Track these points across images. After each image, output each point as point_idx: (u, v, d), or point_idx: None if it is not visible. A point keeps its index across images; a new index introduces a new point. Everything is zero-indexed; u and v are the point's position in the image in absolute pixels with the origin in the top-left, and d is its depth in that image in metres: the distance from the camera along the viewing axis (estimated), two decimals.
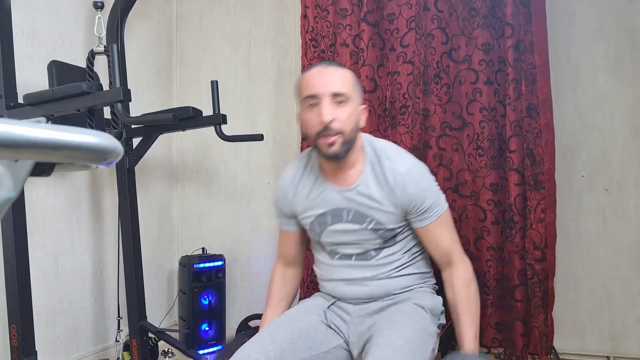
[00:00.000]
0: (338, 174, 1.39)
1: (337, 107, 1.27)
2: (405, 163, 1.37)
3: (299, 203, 1.45)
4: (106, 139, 0.45)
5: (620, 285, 2.09)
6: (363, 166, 1.38)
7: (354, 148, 1.34)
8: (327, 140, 1.27)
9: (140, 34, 2.64)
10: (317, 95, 1.27)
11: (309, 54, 2.36)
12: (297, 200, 1.46)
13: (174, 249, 2.87)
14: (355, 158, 1.37)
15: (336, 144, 1.28)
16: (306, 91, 1.30)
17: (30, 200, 1.97)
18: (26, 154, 0.40)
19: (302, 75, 1.37)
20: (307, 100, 1.30)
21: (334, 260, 1.46)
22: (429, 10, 2.19)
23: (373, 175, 1.37)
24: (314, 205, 1.42)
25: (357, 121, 1.34)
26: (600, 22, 2.13)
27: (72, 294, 2.19)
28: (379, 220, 1.37)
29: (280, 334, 1.32)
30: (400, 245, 1.43)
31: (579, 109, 2.16)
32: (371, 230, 1.38)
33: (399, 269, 1.43)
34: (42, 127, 0.40)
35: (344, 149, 1.30)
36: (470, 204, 2.13)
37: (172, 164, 2.86)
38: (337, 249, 1.44)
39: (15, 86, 1.65)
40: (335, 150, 1.28)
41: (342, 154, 1.30)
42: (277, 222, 1.58)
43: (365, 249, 1.41)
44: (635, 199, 2.09)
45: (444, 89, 2.19)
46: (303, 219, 1.47)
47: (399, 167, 1.35)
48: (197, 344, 2.47)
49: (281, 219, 1.55)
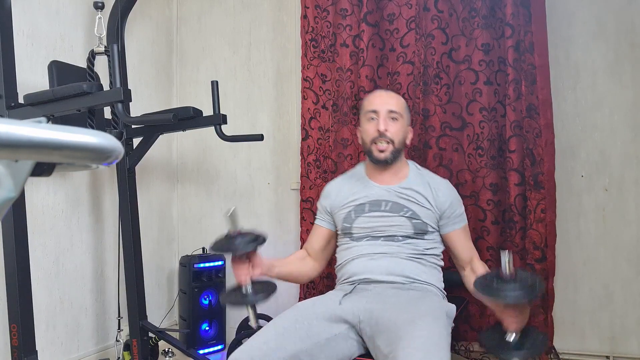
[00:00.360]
0: (384, 176, 1.64)
1: (391, 122, 1.59)
2: (443, 178, 1.69)
3: (341, 198, 1.66)
4: (106, 139, 0.45)
5: (620, 285, 2.10)
6: (408, 173, 1.65)
7: (400, 158, 1.63)
8: (379, 147, 1.58)
9: (140, 34, 2.64)
10: (376, 110, 1.60)
11: (309, 54, 2.36)
12: (339, 196, 1.67)
13: (174, 248, 2.87)
14: (400, 167, 1.65)
15: (386, 151, 1.58)
16: (368, 107, 1.63)
17: (31, 200, 1.97)
18: (27, 154, 0.40)
19: (366, 96, 1.74)
20: (368, 114, 1.61)
21: (361, 242, 1.59)
22: (429, 11, 2.19)
23: (417, 179, 1.63)
24: (355, 197, 1.63)
25: (405, 137, 1.64)
26: (600, 23, 2.13)
27: (73, 293, 2.19)
28: (416, 212, 1.56)
29: (282, 323, 1.40)
30: (426, 244, 1.58)
31: (578, 109, 2.16)
32: (406, 217, 1.56)
33: (419, 258, 1.56)
34: (43, 127, 0.40)
35: (392, 156, 1.58)
36: (470, 204, 2.13)
37: (172, 164, 2.87)
38: (367, 233, 1.59)
39: (15, 86, 1.65)
40: (385, 156, 1.58)
41: (390, 160, 1.59)
42: (315, 219, 1.76)
43: (395, 233, 1.56)
44: (634, 198, 2.09)
45: (444, 89, 2.19)
46: (341, 210, 1.65)
47: (439, 179, 1.67)
48: (197, 344, 2.47)
49: (319, 214, 1.74)
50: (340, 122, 2.28)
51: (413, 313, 1.34)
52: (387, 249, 1.55)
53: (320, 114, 2.37)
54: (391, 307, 1.39)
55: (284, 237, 2.63)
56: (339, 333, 1.40)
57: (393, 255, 1.54)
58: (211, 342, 2.54)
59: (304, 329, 1.37)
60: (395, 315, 1.34)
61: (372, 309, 1.40)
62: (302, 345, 1.33)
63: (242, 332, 2.36)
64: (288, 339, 1.33)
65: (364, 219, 1.59)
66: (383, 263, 1.53)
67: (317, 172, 2.36)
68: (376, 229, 1.57)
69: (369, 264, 1.54)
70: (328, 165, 2.33)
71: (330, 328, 1.40)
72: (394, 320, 1.32)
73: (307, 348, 1.33)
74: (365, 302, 1.44)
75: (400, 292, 1.49)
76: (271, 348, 1.29)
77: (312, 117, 2.37)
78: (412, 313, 1.34)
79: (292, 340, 1.33)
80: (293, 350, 1.31)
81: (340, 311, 1.43)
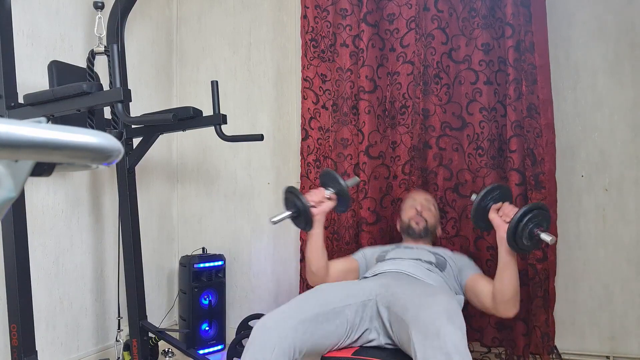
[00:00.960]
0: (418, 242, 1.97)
1: (426, 208, 1.99)
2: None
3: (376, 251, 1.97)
4: (106, 139, 0.45)
5: (620, 285, 2.10)
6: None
7: (430, 238, 1.99)
8: (415, 220, 1.96)
9: (140, 34, 2.64)
10: (415, 199, 2.02)
11: (309, 54, 2.36)
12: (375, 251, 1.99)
13: (174, 248, 2.87)
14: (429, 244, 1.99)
15: (420, 224, 1.95)
16: (410, 198, 2.05)
17: (30, 200, 1.97)
18: (27, 154, 0.40)
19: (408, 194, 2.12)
20: (409, 202, 2.03)
21: (388, 261, 1.84)
22: (429, 11, 2.19)
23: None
24: (388, 249, 1.94)
25: (436, 223, 2.02)
26: (600, 23, 2.13)
27: (72, 293, 2.19)
28: (439, 254, 1.86)
29: (302, 295, 1.62)
30: (445, 275, 1.77)
31: (578, 109, 2.16)
32: (431, 253, 1.85)
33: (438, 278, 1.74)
34: (43, 127, 0.40)
35: (424, 232, 1.95)
36: (470, 203, 2.13)
37: (172, 164, 2.86)
38: (396, 256, 1.85)
39: (15, 86, 1.65)
40: (419, 228, 1.95)
41: (422, 234, 1.95)
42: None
43: (419, 257, 1.82)
44: (634, 199, 2.09)
45: (444, 89, 2.19)
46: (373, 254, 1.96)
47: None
48: (197, 344, 2.47)
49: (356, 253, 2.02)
50: (340, 122, 2.28)
51: (429, 292, 1.52)
52: (411, 262, 1.78)
53: (320, 114, 2.37)
54: (407, 284, 1.59)
55: (283, 238, 2.63)
56: (354, 303, 1.55)
57: (416, 264, 1.77)
58: (211, 342, 2.54)
59: (322, 297, 1.55)
60: (411, 290, 1.53)
61: (389, 284, 1.59)
62: (319, 309, 1.49)
63: (242, 332, 2.36)
64: (307, 303, 1.51)
65: (397, 251, 1.89)
66: (404, 264, 1.76)
67: (317, 172, 2.35)
68: (404, 253, 1.85)
69: (392, 266, 1.77)
70: (328, 165, 2.33)
71: (347, 299, 1.55)
72: (409, 293, 1.50)
73: (324, 312, 1.49)
74: (383, 280, 1.64)
75: (416, 280, 1.69)
76: (292, 309, 1.47)
77: (312, 117, 2.37)
78: (428, 291, 1.53)
79: (310, 305, 1.49)
80: (312, 313, 1.47)
81: (358, 288, 1.61)
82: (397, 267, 1.75)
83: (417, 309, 1.38)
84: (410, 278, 1.68)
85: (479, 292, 1.71)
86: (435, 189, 2.19)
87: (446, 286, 1.72)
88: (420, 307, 1.38)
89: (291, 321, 1.42)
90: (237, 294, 2.72)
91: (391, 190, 2.26)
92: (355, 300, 1.55)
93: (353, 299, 1.55)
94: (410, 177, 2.19)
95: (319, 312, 1.48)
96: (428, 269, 1.75)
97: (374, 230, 2.23)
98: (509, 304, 1.60)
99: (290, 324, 1.41)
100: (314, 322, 1.45)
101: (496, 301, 1.62)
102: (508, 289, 1.59)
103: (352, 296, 1.56)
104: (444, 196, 2.18)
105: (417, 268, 1.74)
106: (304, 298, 1.56)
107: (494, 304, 1.64)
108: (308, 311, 1.47)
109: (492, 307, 1.65)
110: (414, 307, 1.40)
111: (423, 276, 1.69)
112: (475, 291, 1.73)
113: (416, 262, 1.78)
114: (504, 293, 1.60)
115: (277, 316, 1.44)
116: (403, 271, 1.72)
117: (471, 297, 1.76)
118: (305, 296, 1.58)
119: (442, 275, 1.76)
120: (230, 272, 2.71)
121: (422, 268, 1.74)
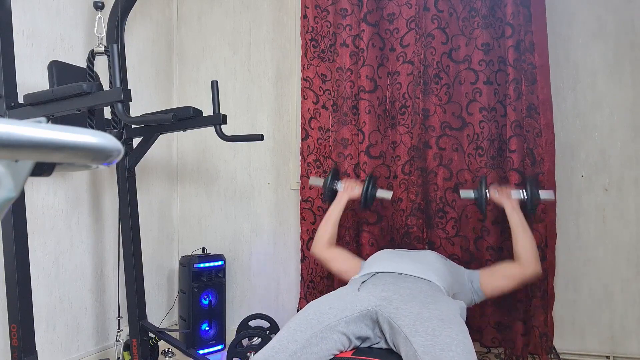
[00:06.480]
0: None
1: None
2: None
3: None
4: (106, 139, 0.45)
5: (619, 285, 2.10)
6: None
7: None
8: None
9: (140, 34, 2.64)
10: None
11: (309, 54, 2.36)
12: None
13: (174, 248, 2.87)
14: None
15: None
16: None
17: (30, 200, 1.97)
18: (27, 154, 0.40)
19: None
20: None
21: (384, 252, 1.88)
22: (429, 11, 2.19)
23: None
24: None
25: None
26: (600, 23, 2.13)
27: (72, 293, 2.19)
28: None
29: (294, 320, 1.51)
30: (448, 263, 1.83)
31: (578, 109, 2.16)
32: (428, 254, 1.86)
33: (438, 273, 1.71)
34: (43, 127, 0.40)
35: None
36: (470, 204, 2.13)
37: (172, 164, 2.87)
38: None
39: (15, 86, 1.65)
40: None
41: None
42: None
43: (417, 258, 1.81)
44: (634, 199, 2.09)
45: (444, 89, 2.19)
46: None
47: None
48: (197, 344, 2.47)
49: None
50: (340, 122, 2.28)
51: (435, 310, 1.41)
52: (410, 260, 1.75)
53: (320, 114, 2.37)
54: (409, 298, 1.46)
55: (284, 237, 2.63)
56: (350, 315, 1.47)
57: (414, 261, 1.75)
58: (211, 342, 2.54)
59: (315, 315, 1.45)
60: (417, 308, 1.41)
61: (390, 298, 1.47)
62: (312, 331, 1.40)
63: (242, 332, 2.35)
64: (298, 329, 1.42)
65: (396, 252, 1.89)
66: (405, 258, 1.77)
67: (317, 172, 2.36)
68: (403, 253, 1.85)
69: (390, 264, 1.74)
70: (328, 165, 2.33)
71: (343, 312, 1.46)
72: (416, 312, 1.39)
73: (318, 331, 1.41)
74: (384, 294, 1.51)
75: (417, 282, 1.60)
76: (282, 342, 1.38)
77: (312, 117, 2.37)
78: (434, 309, 1.41)
79: (301, 330, 1.41)
80: (303, 338, 1.39)
81: (355, 300, 1.50)
82: (395, 268, 1.71)
83: (430, 342, 1.29)
84: (409, 282, 1.59)
85: (501, 271, 1.83)
86: (435, 189, 2.18)
87: (449, 279, 1.70)
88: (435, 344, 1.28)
89: (281, 355, 1.36)
90: (237, 294, 2.72)
91: (391, 190, 2.26)
92: (352, 312, 1.47)
93: (349, 311, 1.47)
94: (410, 177, 2.19)
95: (312, 334, 1.40)
96: (428, 262, 1.76)
97: (374, 230, 2.23)
98: (535, 259, 1.79)
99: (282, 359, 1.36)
100: (307, 348, 1.38)
101: (521, 261, 1.79)
102: (530, 242, 1.80)
103: (348, 309, 1.47)
104: (443, 196, 2.18)
105: (415, 266, 1.70)
106: (295, 323, 1.46)
107: (521, 268, 1.78)
108: (299, 338, 1.39)
109: (521, 273, 1.79)
110: (425, 335, 1.31)
111: (423, 274, 1.66)
112: (496, 275, 1.83)
113: (414, 259, 1.77)
114: (526, 249, 1.79)
115: (267, 353, 1.38)
116: (403, 272, 1.69)
117: (495, 283, 1.81)
118: (297, 319, 1.47)
119: (444, 263, 1.79)
120: (230, 272, 2.71)
121: (421, 267, 1.72)
